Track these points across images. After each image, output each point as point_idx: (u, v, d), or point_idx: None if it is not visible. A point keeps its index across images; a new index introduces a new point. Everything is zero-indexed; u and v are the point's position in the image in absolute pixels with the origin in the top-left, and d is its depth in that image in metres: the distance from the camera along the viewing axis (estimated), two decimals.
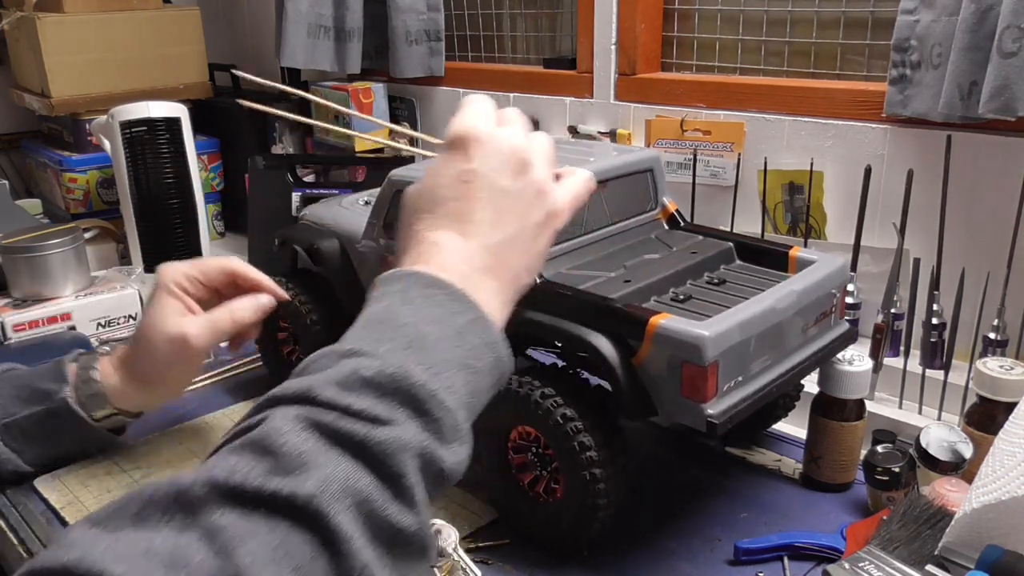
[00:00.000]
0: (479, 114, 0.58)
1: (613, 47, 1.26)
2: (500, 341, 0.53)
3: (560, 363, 0.87)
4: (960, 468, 0.73)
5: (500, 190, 0.56)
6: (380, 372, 0.45)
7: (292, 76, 1.66)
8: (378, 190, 0.89)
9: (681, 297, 0.76)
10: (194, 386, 1.09)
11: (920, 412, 0.95)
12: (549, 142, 0.61)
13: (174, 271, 0.83)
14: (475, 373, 0.50)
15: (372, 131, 1.47)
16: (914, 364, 0.96)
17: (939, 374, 0.93)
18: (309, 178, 1.54)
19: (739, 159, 1.13)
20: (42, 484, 0.86)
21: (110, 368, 0.84)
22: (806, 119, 1.07)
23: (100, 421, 0.84)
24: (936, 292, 0.94)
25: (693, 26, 1.25)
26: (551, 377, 0.72)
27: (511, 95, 1.40)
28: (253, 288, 0.85)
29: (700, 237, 0.88)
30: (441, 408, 0.46)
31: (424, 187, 0.58)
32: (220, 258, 0.86)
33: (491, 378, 0.52)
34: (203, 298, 0.84)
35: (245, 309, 0.83)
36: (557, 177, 0.61)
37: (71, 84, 1.51)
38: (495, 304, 0.54)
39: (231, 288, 0.85)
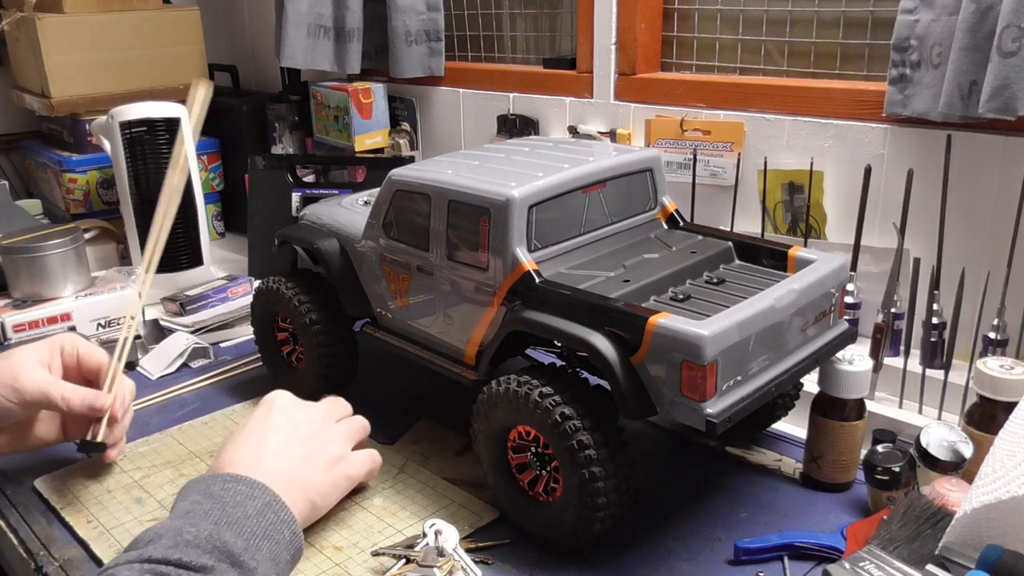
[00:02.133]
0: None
1: (613, 47, 1.26)
2: (293, 521, 0.66)
3: (559, 362, 0.87)
4: (960, 468, 0.73)
5: (292, 424, 0.75)
6: (197, 537, 0.57)
7: (292, 76, 1.66)
8: (378, 190, 0.89)
9: (680, 296, 0.76)
10: (194, 386, 1.09)
11: (920, 412, 0.95)
12: (359, 423, 0.82)
13: (74, 339, 0.86)
14: (276, 543, 0.63)
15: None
16: (914, 364, 0.96)
17: (939, 374, 0.93)
18: (309, 178, 1.54)
19: (739, 159, 1.13)
20: (42, 484, 0.86)
21: None
22: (806, 119, 1.07)
23: None
24: (936, 292, 0.94)
25: (693, 26, 1.25)
26: (550, 376, 0.72)
27: (511, 95, 1.40)
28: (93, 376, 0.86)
29: (699, 237, 0.88)
30: (253, 560, 0.59)
31: (230, 436, 0.74)
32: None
33: (289, 552, 0.64)
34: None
35: (76, 399, 0.81)
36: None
37: (71, 84, 1.51)
38: (290, 495, 0.67)
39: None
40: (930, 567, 0.61)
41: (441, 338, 0.86)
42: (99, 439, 0.82)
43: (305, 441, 0.74)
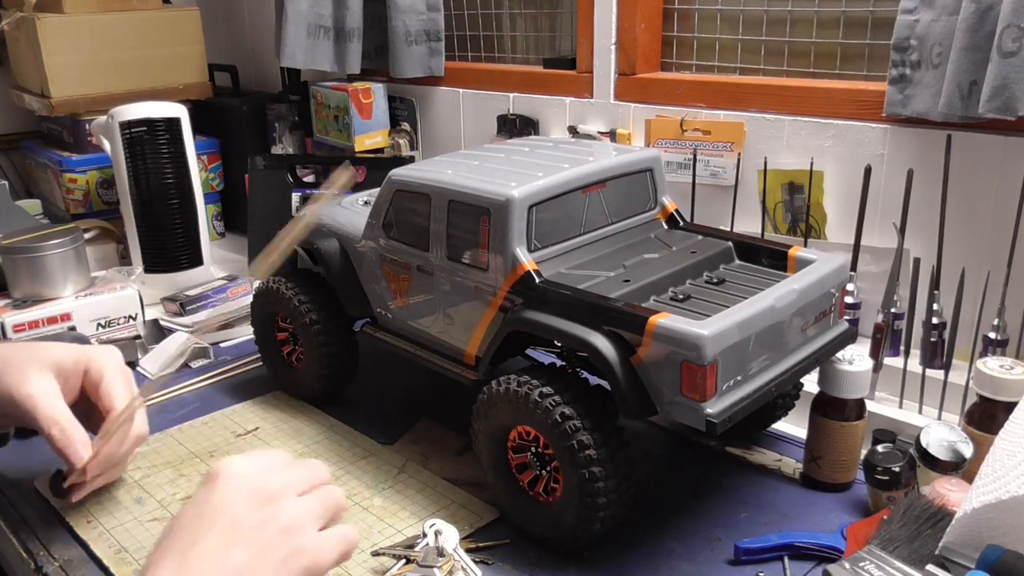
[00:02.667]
0: (249, 458, 0.61)
1: (613, 47, 1.26)
2: None
3: (559, 362, 0.87)
4: (960, 468, 0.73)
5: (232, 518, 0.57)
6: None
7: (292, 76, 1.66)
8: (378, 190, 0.89)
9: (680, 296, 0.76)
10: (194, 386, 1.09)
11: (920, 412, 0.95)
12: (331, 496, 0.62)
13: (104, 359, 0.79)
14: None
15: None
16: (914, 364, 0.96)
17: (939, 374, 0.93)
18: (309, 178, 1.54)
19: (739, 159, 1.13)
20: (42, 484, 0.86)
21: None
22: (806, 119, 1.07)
23: None
24: (936, 292, 0.94)
25: (693, 26, 1.25)
26: (550, 376, 0.72)
27: (511, 95, 1.40)
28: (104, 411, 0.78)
29: (699, 237, 0.88)
30: None
31: (170, 524, 0.59)
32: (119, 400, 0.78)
33: None
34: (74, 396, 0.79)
35: (61, 438, 0.74)
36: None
37: (71, 84, 1.51)
38: None
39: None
40: (930, 567, 0.61)
41: (441, 338, 0.86)
42: (65, 484, 0.77)
43: (250, 537, 0.57)
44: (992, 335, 0.91)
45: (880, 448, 0.79)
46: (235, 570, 0.55)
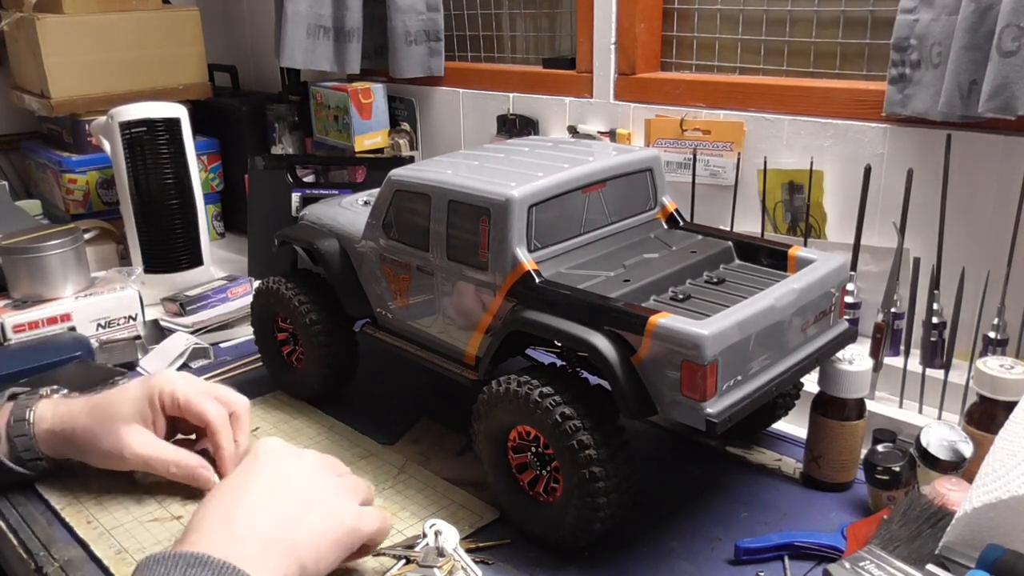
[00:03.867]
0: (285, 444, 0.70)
1: (613, 47, 1.26)
2: None
3: (559, 362, 0.87)
4: (960, 467, 0.73)
5: (280, 475, 0.66)
6: None
7: (292, 76, 1.66)
8: (378, 190, 0.89)
9: (680, 296, 0.76)
10: None
11: (920, 411, 0.95)
12: (363, 483, 0.72)
13: (171, 385, 0.82)
14: None
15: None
16: (914, 363, 0.96)
17: (939, 373, 0.93)
18: (309, 178, 1.54)
19: (739, 159, 1.13)
20: (42, 485, 0.86)
21: (47, 414, 0.83)
22: (806, 119, 1.07)
23: (25, 464, 0.83)
24: (936, 291, 0.94)
25: (693, 26, 1.25)
26: (550, 376, 0.72)
27: (511, 95, 1.40)
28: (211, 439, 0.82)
29: (699, 236, 0.88)
30: None
31: (212, 492, 0.66)
32: (212, 406, 0.82)
33: None
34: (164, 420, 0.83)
35: (181, 472, 0.81)
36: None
37: (71, 85, 1.51)
38: (266, 560, 0.59)
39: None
40: (930, 567, 0.61)
41: (441, 338, 0.86)
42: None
43: (296, 493, 0.64)
44: (992, 335, 0.91)
45: (880, 448, 0.79)
46: (281, 516, 0.62)
